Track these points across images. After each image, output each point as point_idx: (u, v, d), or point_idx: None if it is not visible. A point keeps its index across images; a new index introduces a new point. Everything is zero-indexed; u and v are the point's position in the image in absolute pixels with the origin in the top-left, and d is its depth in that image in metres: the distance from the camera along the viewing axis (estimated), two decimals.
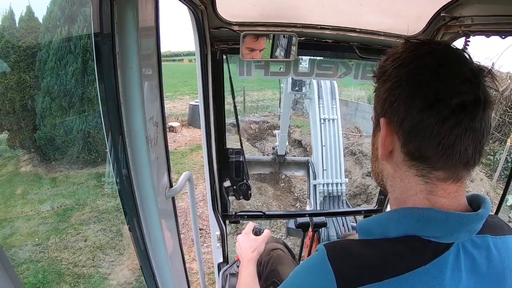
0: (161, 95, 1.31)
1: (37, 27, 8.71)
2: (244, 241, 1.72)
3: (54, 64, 7.98)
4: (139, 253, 1.22)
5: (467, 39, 1.68)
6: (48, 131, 8.21)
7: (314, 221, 2.32)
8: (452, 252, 0.68)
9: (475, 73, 0.67)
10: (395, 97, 0.70)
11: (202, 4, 1.64)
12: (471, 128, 0.66)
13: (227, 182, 2.40)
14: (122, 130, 0.99)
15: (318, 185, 5.49)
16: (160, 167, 1.35)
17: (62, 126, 8.12)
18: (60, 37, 8.21)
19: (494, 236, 0.74)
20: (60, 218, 6.76)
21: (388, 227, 0.72)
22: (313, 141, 5.96)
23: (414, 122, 0.67)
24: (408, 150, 0.71)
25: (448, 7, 1.66)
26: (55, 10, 8.40)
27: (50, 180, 8.02)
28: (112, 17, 0.86)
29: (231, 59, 2.09)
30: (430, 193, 0.71)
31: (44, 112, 8.17)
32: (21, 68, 8.27)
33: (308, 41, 1.98)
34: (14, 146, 8.85)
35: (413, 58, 0.70)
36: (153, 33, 1.17)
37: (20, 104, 8.28)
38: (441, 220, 0.68)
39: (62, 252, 5.95)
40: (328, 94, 5.85)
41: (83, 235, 6.41)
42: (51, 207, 7.06)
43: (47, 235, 6.30)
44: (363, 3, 1.71)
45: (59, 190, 7.66)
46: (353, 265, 0.69)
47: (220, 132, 2.22)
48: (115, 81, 0.92)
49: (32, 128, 8.40)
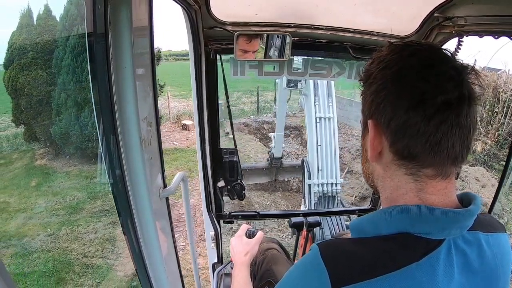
0: (155, 95, 1.30)
1: (54, 25, 8.79)
2: (237, 245, 1.70)
3: (71, 62, 8.02)
4: (133, 254, 1.21)
5: (460, 39, 1.69)
6: (64, 126, 8.39)
7: (308, 220, 2.33)
8: (444, 248, 0.69)
9: (458, 71, 0.69)
10: (381, 98, 0.72)
11: (196, 4, 1.64)
12: (457, 124, 0.67)
13: (221, 182, 2.40)
14: (116, 130, 0.98)
15: (313, 185, 5.47)
16: (154, 167, 1.34)
17: (77, 122, 8.29)
18: (77, 35, 8.30)
19: (485, 233, 0.76)
20: (72, 210, 6.95)
21: (380, 225, 0.73)
22: (308, 140, 5.91)
23: (401, 122, 0.69)
24: (397, 149, 0.72)
25: (441, 7, 1.67)
26: (71, 9, 8.45)
27: (64, 173, 8.26)
28: (106, 17, 0.85)
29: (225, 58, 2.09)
30: (420, 191, 0.73)
31: (59, 107, 8.36)
32: (38, 65, 8.35)
33: (302, 41, 1.98)
34: (30, 140, 9.13)
35: (397, 60, 0.72)
36: (147, 32, 1.16)
37: (36, 99, 8.50)
38: (432, 216, 0.69)
39: (73, 242, 6.11)
40: (324, 91, 5.80)
41: (93, 227, 6.55)
42: (64, 200, 7.24)
43: (59, 226, 6.47)
44: (357, 3, 1.71)
45: (72, 184, 7.86)
46: (346, 263, 0.70)
47: (214, 132, 2.22)
48: (108, 81, 0.92)
49: (48, 123, 8.59)
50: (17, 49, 8.56)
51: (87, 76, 8.04)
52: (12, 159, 8.83)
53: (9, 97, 8.82)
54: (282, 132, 7.68)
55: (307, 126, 5.92)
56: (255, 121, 15.33)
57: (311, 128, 5.66)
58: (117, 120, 0.98)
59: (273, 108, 9.60)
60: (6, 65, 8.75)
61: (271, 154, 8.01)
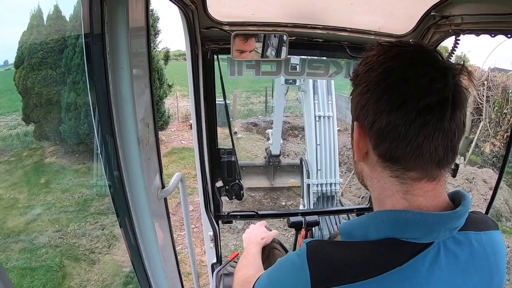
0: (152, 96, 1.30)
1: (64, 25, 8.80)
2: (257, 228, 1.87)
3: (80, 61, 8.12)
4: (132, 254, 1.21)
5: (457, 38, 1.70)
6: (73, 124, 8.45)
7: (307, 220, 2.33)
8: (431, 251, 0.69)
9: (442, 72, 0.67)
10: (365, 101, 0.72)
11: (192, 4, 1.64)
12: (440, 128, 0.67)
13: (219, 182, 2.40)
14: (113, 131, 0.98)
15: (311, 185, 5.42)
16: (152, 168, 1.34)
17: (86, 120, 8.34)
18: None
19: (477, 232, 0.76)
20: (81, 207, 6.98)
21: (368, 230, 0.74)
22: (307, 139, 5.81)
23: (383, 125, 0.69)
24: (380, 152, 0.72)
25: (438, 6, 1.68)
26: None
27: (73, 171, 8.29)
28: (103, 17, 0.85)
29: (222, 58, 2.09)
30: (406, 193, 0.72)
31: (69, 106, 8.40)
32: (48, 64, 8.44)
33: (299, 41, 1.98)
34: (40, 138, 9.14)
35: (382, 61, 0.72)
36: (144, 33, 1.16)
37: (46, 98, 8.51)
38: (418, 221, 0.69)
39: (80, 239, 6.18)
40: (323, 89, 5.70)
41: (101, 224, 6.60)
42: (72, 196, 7.28)
43: (67, 222, 6.51)
44: (353, 3, 1.72)
45: (81, 181, 7.89)
46: (329, 266, 0.70)
47: (212, 132, 2.22)
48: (105, 81, 0.91)
49: (57, 122, 8.64)
50: (27, 48, 8.59)
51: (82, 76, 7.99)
52: (23, 156, 8.85)
53: (20, 96, 8.88)
54: (280, 128, 7.59)
55: (306, 125, 5.80)
56: (263, 121, 15.33)
57: (310, 127, 5.56)
58: (115, 121, 0.98)
59: (271, 103, 9.49)
60: (17, 64, 8.79)
61: (268, 152, 7.92)
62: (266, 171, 8.06)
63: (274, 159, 7.81)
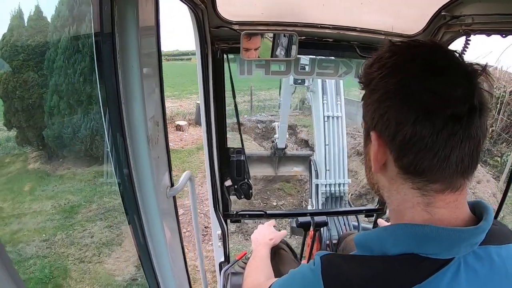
0: (162, 94, 1.31)
1: (46, 26, 8.74)
2: (265, 229, 1.88)
3: (63, 63, 8.02)
4: (141, 252, 1.22)
5: (467, 38, 1.68)
6: (56, 129, 8.30)
7: (316, 220, 2.32)
8: (451, 268, 0.66)
9: (468, 78, 0.64)
10: (384, 109, 0.67)
11: (202, 3, 1.64)
12: (467, 137, 0.63)
13: (228, 182, 2.40)
14: (123, 129, 0.99)
15: (320, 185, 5.40)
16: (161, 166, 1.35)
17: (70, 124, 8.20)
18: (69, 36, 8.24)
19: (497, 246, 0.71)
20: (67, 214, 6.82)
21: (386, 244, 0.71)
22: (316, 139, 5.77)
23: (407, 136, 0.64)
24: (402, 164, 0.68)
25: (448, 6, 1.66)
26: (63, 9, 8.41)
27: (58, 177, 8.10)
28: (113, 16, 0.86)
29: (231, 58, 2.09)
30: (428, 205, 0.69)
31: (52, 110, 8.26)
32: (30, 67, 8.34)
33: (308, 40, 1.98)
34: (23, 144, 8.93)
35: (400, 65, 0.67)
36: (154, 32, 1.17)
37: (28, 102, 8.38)
38: (439, 236, 0.66)
39: (69, 248, 6.01)
40: (332, 89, 5.60)
41: (89, 231, 6.47)
42: (58, 204, 7.12)
43: (54, 231, 6.35)
44: (363, 2, 1.71)
45: (66, 187, 7.72)
46: (345, 283, 0.69)
47: (221, 132, 2.22)
48: (115, 80, 0.92)
49: (40, 126, 8.48)
50: (7, 51, 8.41)
51: (79, 77, 7.94)
52: (5, 163, 8.73)
53: (0, 101, 8.69)
54: (286, 124, 7.63)
55: (315, 125, 5.78)
56: (249, 120, 15.23)
57: (319, 127, 5.50)
58: (125, 120, 0.99)
59: (278, 100, 9.63)
60: None
61: (274, 145, 8.01)
62: (271, 160, 8.18)
63: (279, 152, 7.92)
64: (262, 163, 8.25)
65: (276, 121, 8.74)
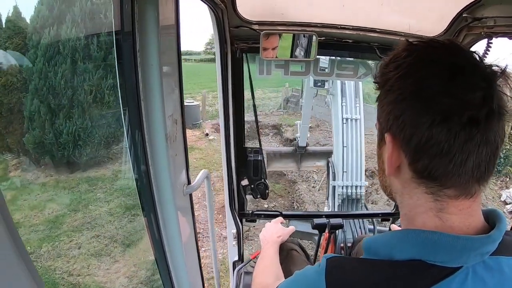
0: (181, 93, 1.33)
1: (25, 27, 8.39)
2: (273, 227, 1.84)
3: (43, 66, 7.61)
4: (156, 248, 1.24)
5: (489, 41, 1.64)
6: (37, 134, 7.91)
7: (331, 222, 2.30)
8: (458, 277, 0.64)
9: (488, 81, 0.61)
10: (400, 111, 0.65)
11: (222, 3, 1.65)
12: (485, 141, 0.60)
13: (245, 181, 2.41)
14: (142, 126, 1.01)
15: (337, 187, 5.40)
16: (178, 164, 1.36)
17: (52, 129, 7.86)
18: (50, 37, 7.91)
19: (508, 257, 0.68)
20: (52, 225, 6.49)
21: (394, 249, 0.69)
22: (334, 141, 5.80)
23: (423, 140, 0.62)
24: (417, 168, 0.66)
25: (470, 8, 1.62)
26: (43, 9, 7.81)
27: (40, 185, 7.71)
28: (133, 16, 0.87)
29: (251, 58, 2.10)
30: (440, 211, 0.66)
31: (32, 115, 7.86)
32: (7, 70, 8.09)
33: (328, 41, 1.97)
34: (2, 151, 8.34)
35: (417, 66, 0.65)
36: (174, 31, 1.18)
37: (7, 107, 7.83)
38: (448, 244, 0.64)
39: (56, 261, 5.73)
40: (352, 92, 5.63)
41: (76, 242, 6.17)
42: (42, 214, 6.78)
43: (39, 243, 6.02)
44: (383, 3, 1.69)
45: (50, 196, 7.36)
46: (348, 286, 0.68)
47: (239, 131, 2.23)
48: (135, 78, 0.94)
49: (20, 132, 8.01)
50: None
51: (60, 80, 7.74)
52: None
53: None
54: (307, 124, 7.88)
55: (334, 127, 5.82)
56: None
57: (338, 129, 5.54)
58: (143, 117, 1.00)
59: (300, 102, 9.86)
60: None
61: (296, 143, 8.18)
62: (294, 156, 8.32)
63: (301, 149, 8.06)
64: (285, 159, 8.40)
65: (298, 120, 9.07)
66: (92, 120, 7.76)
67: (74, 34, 7.61)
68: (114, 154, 8.52)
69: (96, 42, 7.76)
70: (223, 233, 6.53)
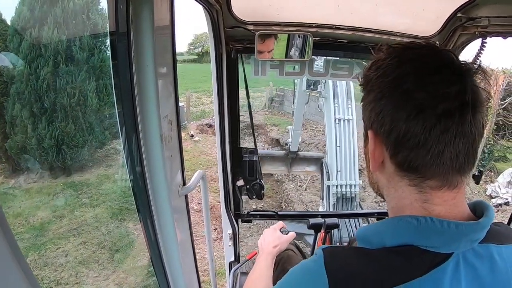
0: (176, 94, 1.32)
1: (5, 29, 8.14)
2: (270, 235, 1.76)
3: (24, 69, 7.34)
4: (151, 250, 1.23)
5: (483, 41, 1.65)
6: (20, 139, 7.57)
7: (327, 222, 2.31)
8: (451, 263, 0.66)
9: (460, 75, 0.65)
10: (380, 108, 0.69)
11: (217, 3, 1.65)
12: (461, 133, 0.64)
13: (240, 181, 2.41)
14: (137, 127, 1.00)
15: (331, 186, 5.46)
16: (174, 165, 1.36)
17: (34, 134, 7.57)
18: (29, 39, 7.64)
19: (498, 245, 0.71)
20: (37, 232, 6.27)
21: (386, 236, 0.71)
22: (327, 141, 5.92)
23: (401, 133, 0.66)
24: (398, 161, 0.70)
25: (464, 7, 1.63)
26: (24, 10, 7.41)
27: (24, 191, 7.36)
28: (128, 16, 0.87)
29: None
30: (425, 202, 0.69)
31: (14, 119, 7.54)
32: None
33: (323, 41, 1.97)
34: None
35: (395, 66, 0.69)
36: (169, 32, 1.18)
37: None
38: (440, 229, 0.66)
39: (42, 270, 5.56)
40: (343, 93, 5.77)
41: (63, 249, 5.97)
42: (27, 221, 6.53)
43: (24, 252, 5.64)
44: (378, 3, 1.70)
45: (34, 202, 7.07)
46: (347, 275, 0.68)
47: (235, 131, 2.23)
48: (130, 79, 0.93)
49: (1, 137, 7.64)
50: None
51: (42, 83, 7.51)
52: None
53: None
54: (299, 130, 7.80)
55: (326, 128, 5.94)
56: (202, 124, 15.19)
57: (330, 130, 5.67)
58: (139, 118, 1.00)
59: (291, 108, 9.77)
60: None
61: (288, 148, 8.13)
62: (285, 160, 8.31)
63: (292, 154, 8.04)
64: (276, 162, 8.40)
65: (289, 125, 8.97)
66: (86, 123, 7.66)
67: (66, 36, 7.51)
68: (108, 156, 8.39)
69: (90, 43, 7.66)
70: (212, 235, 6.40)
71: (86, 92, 7.64)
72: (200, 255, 5.72)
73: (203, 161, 11.26)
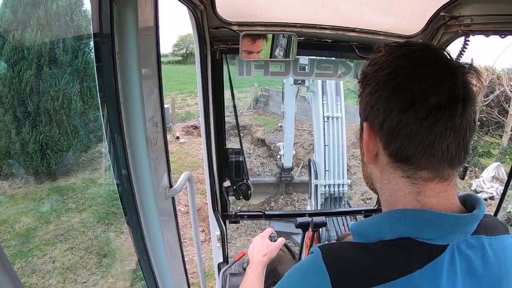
0: (161, 95, 1.31)
1: None
2: (259, 244, 1.73)
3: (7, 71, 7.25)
4: (139, 253, 1.22)
5: (466, 39, 1.68)
6: (3, 144, 7.48)
7: (314, 221, 2.31)
8: (447, 254, 0.68)
9: (452, 70, 0.68)
10: (375, 100, 0.72)
11: (201, 4, 1.64)
12: (451, 126, 0.66)
13: (227, 182, 2.40)
14: (122, 130, 0.99)
15: (319, 186, 5.41)
16: (160, 167, 1.35)
17: (18, 138, 7.41)
18: (12, 41, 7.45)
19: (488, 236, 0.74)
20: (24, 239, 6.13)
21: (382, 229, 0.72)
22: (315, 139, 5.80)
23: (393, 124, 0.69)
24: (391, 152, 0.72)
25: (447, 6, 1.66)
26: (7, 12, 7.30)
27: (9, 197, 7.24)
28: (112, 17, 0.86)
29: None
30: (418, 194, 0.71)
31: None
32: None
33: (307, 41, 1.98)
34: None
35: (390, 61, 0.71)
36: (153, 33, 1.17)
37: None
38: (436, 221, 0.68)
39: (30, 277, 5.46)
40: (332, 90, 5.69)
41: (50, 256, 5.86)
42: (12, 228, 6.39)
43: (12, 259, 5.58)
44: (362, 3, 1.71)
45: (20, 208, 6.92)
46: (347, 270, 0.69)
47: (220, 132, 2.22)
48: (114, 81, 0.92)
49: None
50: None
51: (26, 86, 7.28)
52: None
53: None
54: (292, 134, 7.46)
55: (314, 125, 5.83)
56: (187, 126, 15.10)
57: (319, 128, 5.58)
58: (123, 120, 0.99)
59: (281, 108, 9.07)
60: None
61: (280, 164, 7.66)
62: (278, 187, 7.89)
63: (286, 174, 7.58)
64: (267, 189, 7.92)
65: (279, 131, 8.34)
66: (71, 126, 7.52)
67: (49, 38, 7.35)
68: (93, 159, 8.26)
69: (74, 45, 7.53)
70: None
71: (70, 95, 7.49)
72: (188, 258, 5.66)
73: (189, 163, 11.19)
